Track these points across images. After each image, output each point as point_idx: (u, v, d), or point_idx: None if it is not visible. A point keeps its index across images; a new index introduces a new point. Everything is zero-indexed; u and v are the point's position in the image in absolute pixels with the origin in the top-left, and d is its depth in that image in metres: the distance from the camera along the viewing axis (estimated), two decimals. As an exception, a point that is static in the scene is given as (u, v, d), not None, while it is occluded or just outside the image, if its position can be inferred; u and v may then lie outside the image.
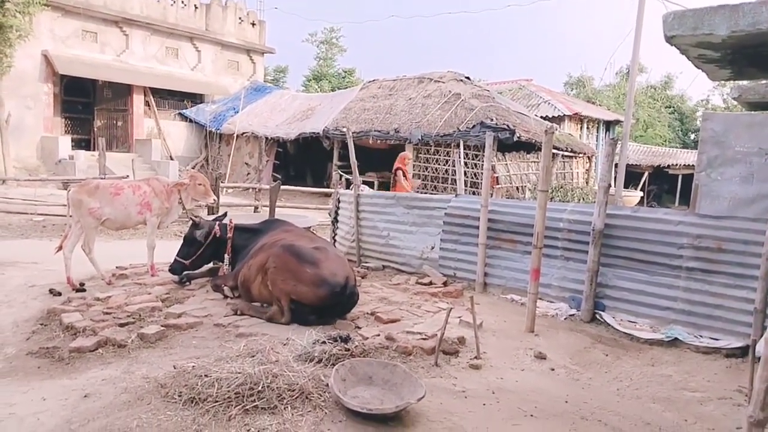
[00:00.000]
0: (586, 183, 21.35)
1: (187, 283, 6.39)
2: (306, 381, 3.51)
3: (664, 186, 28.08)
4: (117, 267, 7.32)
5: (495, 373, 4.30)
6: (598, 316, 5.80)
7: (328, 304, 4.98)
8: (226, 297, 5.80)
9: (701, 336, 5.18)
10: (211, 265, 7.05)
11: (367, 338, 4.61)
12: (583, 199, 18.64)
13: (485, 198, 6.84)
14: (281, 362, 3.73)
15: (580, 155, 21.22)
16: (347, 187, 8.47)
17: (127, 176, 13.22)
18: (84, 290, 6.30)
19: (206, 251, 6.36)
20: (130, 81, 22.70)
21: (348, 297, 5.07)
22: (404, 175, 12.06)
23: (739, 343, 4.93)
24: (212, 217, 6.88)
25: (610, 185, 5.92)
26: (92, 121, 23.53)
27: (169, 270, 6.39)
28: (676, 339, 5.15)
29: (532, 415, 3.58)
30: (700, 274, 5.30)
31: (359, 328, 4.98)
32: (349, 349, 4.09)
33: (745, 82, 7.17)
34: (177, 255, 6.38)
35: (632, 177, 24.93)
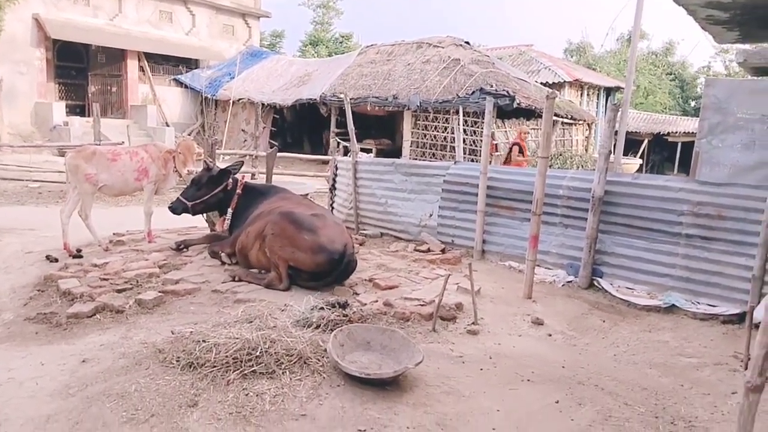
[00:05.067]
0: (586, 150, 21.26)
1: (185, 250, 6.36)
2: (304, 346, 3.51)
3: (664, 153, 27.98)
4: (114, 233, 7.30)
5: (492, 339, 4.31)
6: (595, 283, 5.81)
7: (326, 271, 4.98)
8: (223, 263, 5.78)
9: (699, 303, 5.19)
10: (208, 231, 7.04)
11: (365, 304, 4.61)
12: (582, 166, 18.57)
13: (484, 165, 6.78)
14: (279, 328, 3.72)
15: (580, 122, 21.08)
16: (345, 154, 8.38)
17: (123, 142, 13.10)
18: (81, 256, 6.29)
19: (211, 199, 6.17)
20: (123, 46, 22.35)
21: (346, 264, 5.05)
22: (521, 151, 12.00)
23: (737, 309, 4.95)
24: (225, 165, 6.62)
25: (611, 152, 5.87)
26: (86, 87, 23.23)
27: (169, 207, 6.17)
28: (673, 305, 5.17)
29: (528, 380, 3.60)
30: (699, 241, 5.29)
31: (357, 294, 4.98)
32: (347, 315, 4.09)
33: (750, 47, 7.05)
34: (181, 194, 6.18)
35: (632, 144, 24.80)
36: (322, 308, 4.12)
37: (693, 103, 37.36)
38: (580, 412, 3.22)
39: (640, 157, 24.11)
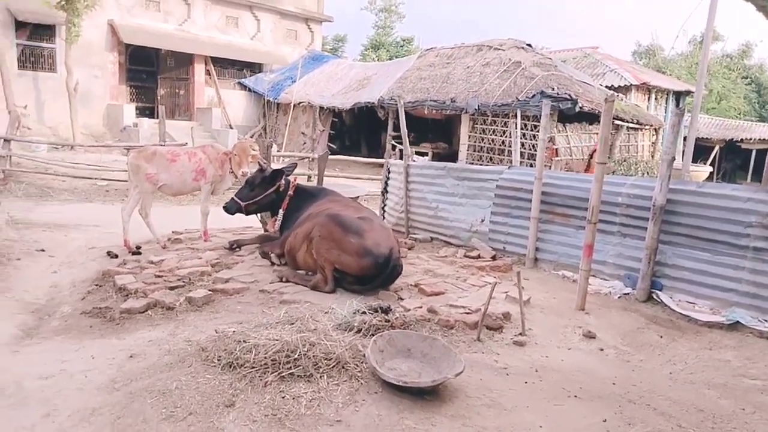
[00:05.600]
0: (652, 156, 20.40)
1: (237, 250, 6.48)
2: (343, 351, 3.47)
3: (737, 161, 26.60)
4: (173, 231, 7.52)
5: (540, 351, 4.16)
6: (654, 296, 5.52)
7: (371, 275, 4.94)
8: (273, 264, 5.85)
9: (766, 320, 4.84)
10: (261, 231, 7.14)
11: (409, 310, 4.54)
12: (648, 173, 17.86)
13: (539, 170, 6.58)
14: (320, 331, 3.70)
15: (647, 127, 20.25)
16: (401, 158, 8.34)
17: (186, 143, 13.52)
18: (140, 253, 6.51)
19: (264, 200, 6.29)
20: (191, 50, 23.10)
21: (391, 268, 5.00)
22: None
23: (809, 329, 4.59)
24: (280, 165, 6.77)
25: (674, 158, 5.58)
26: (156, 90, 24.16)
27: (223, 207, 6.35)
28: (737, 322, 4.84)
29: (576, 396, 3.44)
30: (768, 255, 4.95)
31: (402, 299, 4.92)
32: (389, 321, 4.03)
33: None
34: (235, 194, 6.35)
35: (702, 151, 23.69)
36: (364, 312, 4.08)
37: (771, 109, 35.38)
38: (629, 433, 3.05)
39: (710, 165, 22.97)
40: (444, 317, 4.40)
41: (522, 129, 16.41)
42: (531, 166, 14.47)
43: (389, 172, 8.66)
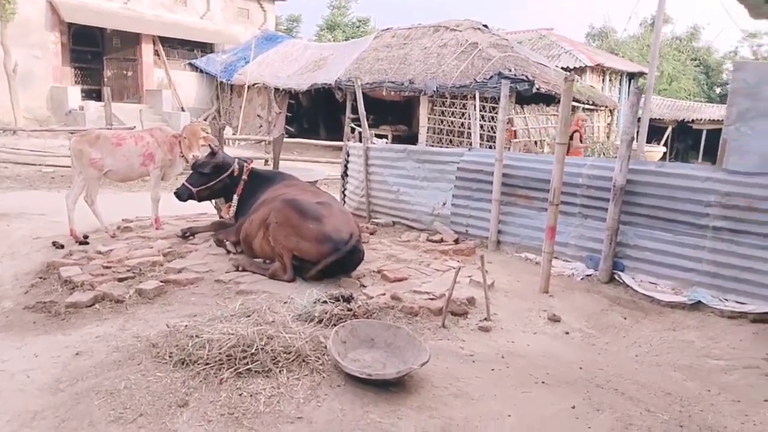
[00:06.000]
0: (608, 137, 20.75)
1: (191, 238, 6.22)
2: (303, 343, 3.32)
3: (688, 141, 27.31)
4: (123, 219, 7.20)
5: (505, 336, 4.09)
6: (616, 277, 5.54)
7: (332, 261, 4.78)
8: (228, 252, 5.62)
9: (727, 300, 4.90)
10: (217, 218, 6.88)
11: (372, 297, 4.42)
12: (604, 153, 18.13)
13: (499, 152, 6.50)
14: (278, 323, 3.53)
15: (602, 108, 20.55)
16: (360, 141, 8.15)
17: (134, 127, 13.00)
18: (87, 243, 6.19)
19: (217, 185, 6.01)
20: (137, 29, 22.19)
21: (353, 254, 4.85)
22: (580, 139, 11.90)
23: (768, 307, 4.66)
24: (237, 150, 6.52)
25: (633, 138, 5.56)
26: (102, 71, 23.13)
27: (174, 193, 6.08)
28: (699, 302, 4.89)
29: (543, 382, 3.38)
30: (727, 234, 4.99)
31: (364, 286, 4.77)
32: (351, 309, 3.89)
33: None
34: (186, 180, 6.07)
35: (655, 132, 24.21)
36: (324, 302, 3.93)
37: (718, 90, 36.43)
38: (598, 419, 3.00)
39: (663, 145, 23.51)
40: (408, 304, 4.28)
41: (480, 111, 16.39)
42: (491, 147, 14.48)
43: (348, 156, 8.47)
